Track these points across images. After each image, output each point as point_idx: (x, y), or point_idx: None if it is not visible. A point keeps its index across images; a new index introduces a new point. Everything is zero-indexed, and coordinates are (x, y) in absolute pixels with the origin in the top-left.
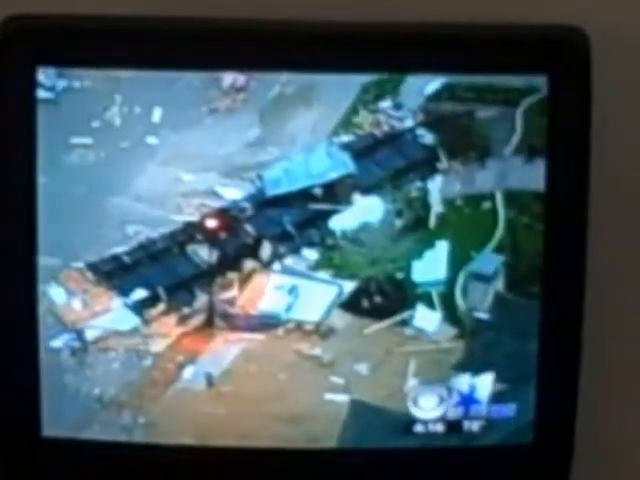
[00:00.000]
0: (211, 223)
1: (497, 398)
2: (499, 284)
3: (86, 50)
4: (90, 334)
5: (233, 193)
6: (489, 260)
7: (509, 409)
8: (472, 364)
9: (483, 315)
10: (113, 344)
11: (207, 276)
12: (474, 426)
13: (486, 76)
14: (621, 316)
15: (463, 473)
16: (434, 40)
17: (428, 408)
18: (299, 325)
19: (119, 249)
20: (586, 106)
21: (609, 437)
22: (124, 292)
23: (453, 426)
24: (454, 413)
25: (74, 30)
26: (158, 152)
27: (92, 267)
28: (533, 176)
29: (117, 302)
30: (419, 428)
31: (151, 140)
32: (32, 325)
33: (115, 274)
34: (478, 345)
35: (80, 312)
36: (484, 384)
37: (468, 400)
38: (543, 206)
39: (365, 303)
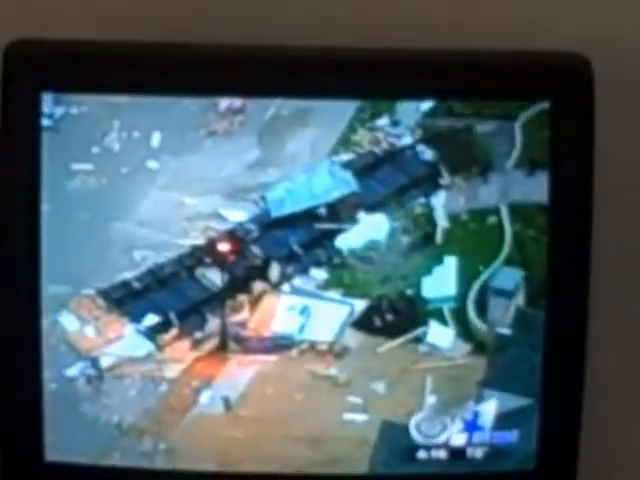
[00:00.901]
0: (218, 246)
1: (500, 424)
2: (519, 299)
3: (89, 75)
4: (105, 361)
5: (237, 215)
6: (509, 275)
7: (512, 435)
8: (495, 380)
9: (505, 331)
10: (128, 371)
11: (217, 299)
12: (477, 453)
13: (489, 102)
14: (625, 331)
15: None
16: (435, 67)
17: (431, 435)
18: (312, 345)
19: (128, 275)
20: (589, 131)
21: (612, 463)
22: (136, 318)
23: (456, 453)
24: (457, 440)
25: (77, 56)
26: (159, 176)
27: (102, 294)
28: (536, 189)
29: (129, 328)
30: (422, 455)
31: (152, 165)
32: (36, 352)
33: (126, 300)
34: (500, 361)
35: (93, 340)
36: (488, 410)
37: (471, 426)
38: (547, 218)
39: (377, 321)
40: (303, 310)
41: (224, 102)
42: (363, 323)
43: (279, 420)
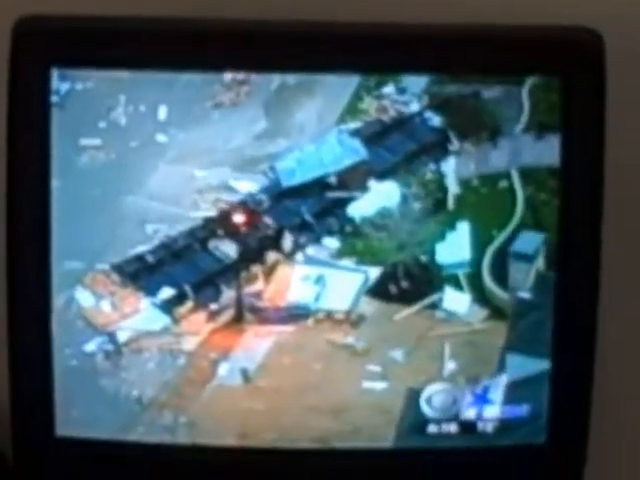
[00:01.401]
0: (230, 217)
1: (510, 398)
2: (540, 263)
3: (99, 50)
4: (122, 336)
5: (248, 186)
6: (529, 239)
7: (522, 409)
8: (515, 344)
9: (525, 295)
10: (146, 345)
11: (231, 271)
12: (488, 427)
13: (499, 77)
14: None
15: (476, 473)
16: (444, 42)
17: (442, 409)
18: (329, 314)
19: (141, 249)
20: (600, 106)
21: (623, 437)
22: (151, 292)
23: (467, 427)
24: (468, 414)
25: (86, 31)
26: (168, 150)
27: (117, 268)
28: (546, 152)
29: (145, 302)
30: (432, 429)
31: (160, 138)
32: (47, 328)
33: (140, 274)
34: (521, 325)
35: (110, 314)
36: (498, 384)
37: (481, 400)
38: (557, 181)
39: (392, 289)
40: (318, 279)
41: (229, 74)
42: (378, 291)
43: (298, 390)
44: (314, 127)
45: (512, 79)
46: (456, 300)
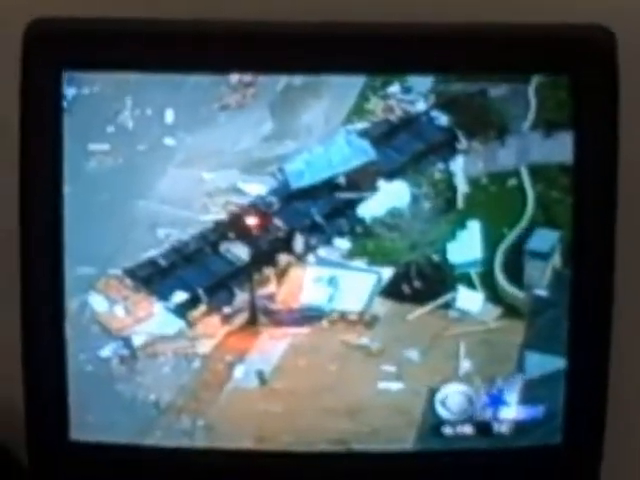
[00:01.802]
0: (240, 220)
1: (526, 399)
2: (556, 260)
3: (108, 52)
4: (137, 340)
5: (257, 188)
6: (544, 237)
7: (538, 410)
8: (532, 342)
9: (542, 292)
10: (161, 349)
11: (244, 273)
12: (503, 428)
13: (510, 75)
14: None
15: (492, 475)
16: (453, 40)
17: (457, 410)
18: (343, 315)
19: (153, 253)
20: (612, 104)
21: (638, 436)
22: (164, 296)
23: (482, 428)
24: (483, 415)
25: (97, 33)
26: (176, 153)
27: (129, 273)
28: (555, 149)
29: (159, 306)
30: (447, 430)
31: (168, 141)
32: (61, 333)
33: (153, 278)
34: (538, 323)
35: (124, 319)
36: (513, 385)
37: (497, 401)
38: (570, 179)
39: (406, 289)
40: (330, 280)
41: (235, 75)
42: (391, 291)
43: (314, 392)
44: (321, 128)
45: (520, 77)
46: (469, 299)
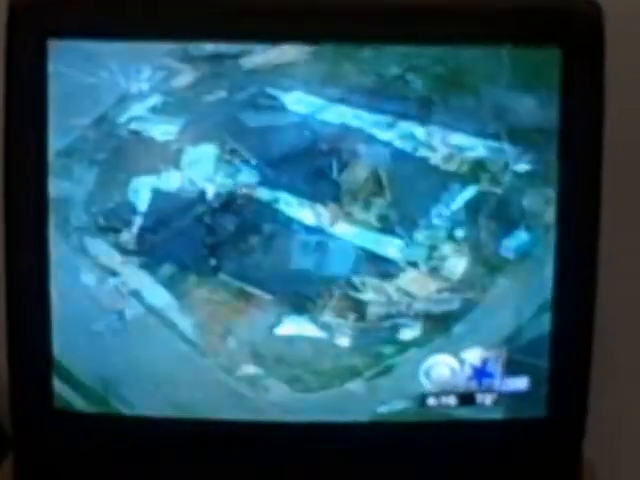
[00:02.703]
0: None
1: (510, 371)
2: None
3: (97, 22)
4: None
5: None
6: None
7: (522, 382)
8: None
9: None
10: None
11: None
12: (487, 399)
13: (498, 48)
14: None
15: (476, 446)
16: (444, 11)
17: (441, 381)
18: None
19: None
20: (599, 77)
21: (622, 412)
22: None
23: (466, 399)
24: (467, 386)
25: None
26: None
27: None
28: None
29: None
30: (431, 401)
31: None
32: (47, 306)
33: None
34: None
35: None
36: (497, 357)
37: (481, 373)
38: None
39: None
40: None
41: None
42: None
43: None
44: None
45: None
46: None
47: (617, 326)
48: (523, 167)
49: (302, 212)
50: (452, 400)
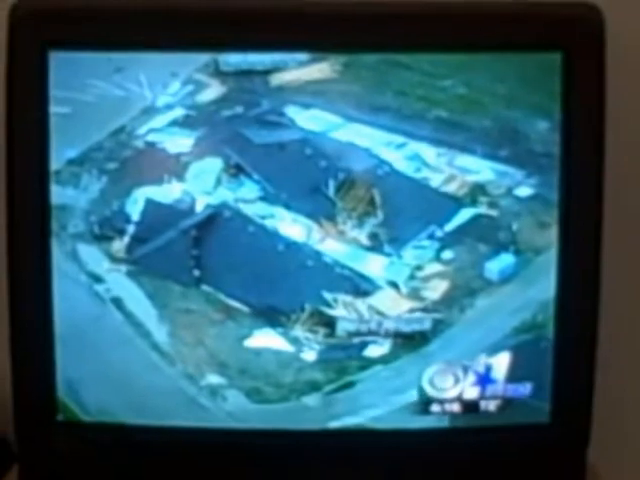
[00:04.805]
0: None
1: (513, 377)
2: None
3: (96, 32)
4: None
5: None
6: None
7: (525, 388)
8: None
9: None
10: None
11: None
12: (491, 406)
13: (501, 53)
14: None
15: (480, 452)
16: (446, 17)
17: (444, 388)
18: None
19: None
20: (600, 82)
21: (625, 419)
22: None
23: (470, 406)
24: (470, 393)
25: (84, 12)
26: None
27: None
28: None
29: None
30: (435, 408)
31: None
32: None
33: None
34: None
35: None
36: (500, 363)
37: (484, 380)
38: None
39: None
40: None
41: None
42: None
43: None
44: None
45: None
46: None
47: (620, 334)
48: (525, 191)
49: (293, 228)
50: (456, 407)
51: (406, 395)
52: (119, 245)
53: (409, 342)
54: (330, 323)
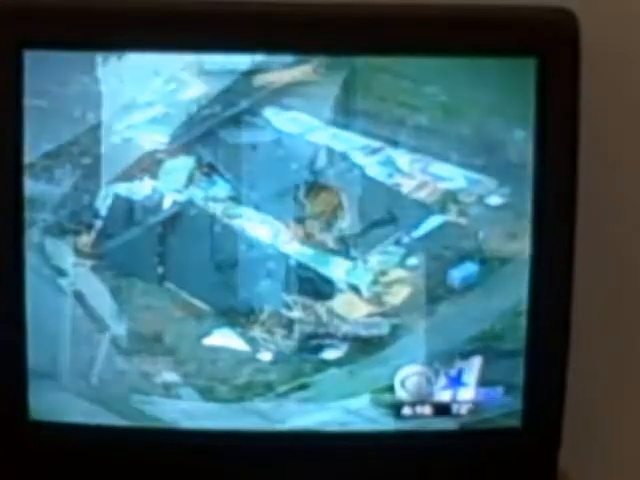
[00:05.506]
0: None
1: (485, 381)
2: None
3: (73, 32)
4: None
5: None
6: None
7: (497, 392)
8: None
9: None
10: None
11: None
12: (462, 409)
13: (475, 58)
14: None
15: (451, 456)
16: (421, 21)
17: (415, 391)
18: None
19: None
20: (575, 88)
21: (599, 421)
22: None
23: (441, 409)
24: (442, 396)
25: (60, 12)
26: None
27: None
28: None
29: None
30: (407, 411)
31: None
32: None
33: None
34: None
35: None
36: (472, 367)
37: (456, 383)
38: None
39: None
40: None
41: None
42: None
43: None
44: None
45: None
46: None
47: (591, 338)
48: (496, 200)
49: (261, 229)
50: (427, 410)
51: (360, 399)
52: (86, 240)
53: (366, 346)
54: (288, 325)
